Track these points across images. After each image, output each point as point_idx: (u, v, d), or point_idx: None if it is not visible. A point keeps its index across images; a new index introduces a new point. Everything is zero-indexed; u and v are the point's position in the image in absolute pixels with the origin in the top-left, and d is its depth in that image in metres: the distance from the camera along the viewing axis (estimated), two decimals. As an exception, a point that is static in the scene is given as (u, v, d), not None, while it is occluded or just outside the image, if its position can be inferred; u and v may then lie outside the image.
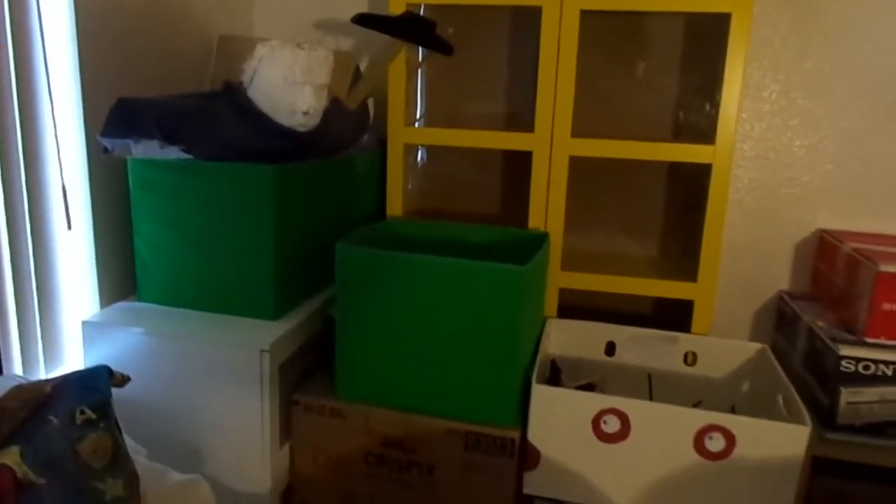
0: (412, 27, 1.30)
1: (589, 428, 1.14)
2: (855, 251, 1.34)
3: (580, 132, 1.41)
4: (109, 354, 1.21)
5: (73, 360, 1.26)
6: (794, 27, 1.48)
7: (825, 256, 1.49)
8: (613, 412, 1.12)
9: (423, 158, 1.71)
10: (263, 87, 1.18)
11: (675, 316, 1.54)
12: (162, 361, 1.18)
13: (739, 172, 1.56)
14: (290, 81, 1.18)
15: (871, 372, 1.25)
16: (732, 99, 1.30)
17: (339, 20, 1.72)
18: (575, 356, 1.45)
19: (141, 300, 1.30)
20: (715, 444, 1.10)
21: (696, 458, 1.11)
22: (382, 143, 1.56)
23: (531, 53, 1.56)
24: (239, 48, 1.28)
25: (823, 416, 1.28)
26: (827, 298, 1.46)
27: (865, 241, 1.42)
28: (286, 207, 1.23)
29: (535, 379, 1.18)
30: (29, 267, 1.16)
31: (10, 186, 1.12)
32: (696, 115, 1.51)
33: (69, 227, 1.21)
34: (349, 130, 1.39)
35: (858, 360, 1.25)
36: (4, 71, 1.09)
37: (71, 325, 1.25)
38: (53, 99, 1.16)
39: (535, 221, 1.43)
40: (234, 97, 1.19)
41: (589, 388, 1.26)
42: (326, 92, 1.25)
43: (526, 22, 1.57)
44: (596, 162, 1.53)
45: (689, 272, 1.43)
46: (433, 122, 1.66)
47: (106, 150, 1.15)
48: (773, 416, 1.14)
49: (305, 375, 1.31)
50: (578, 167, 1.48)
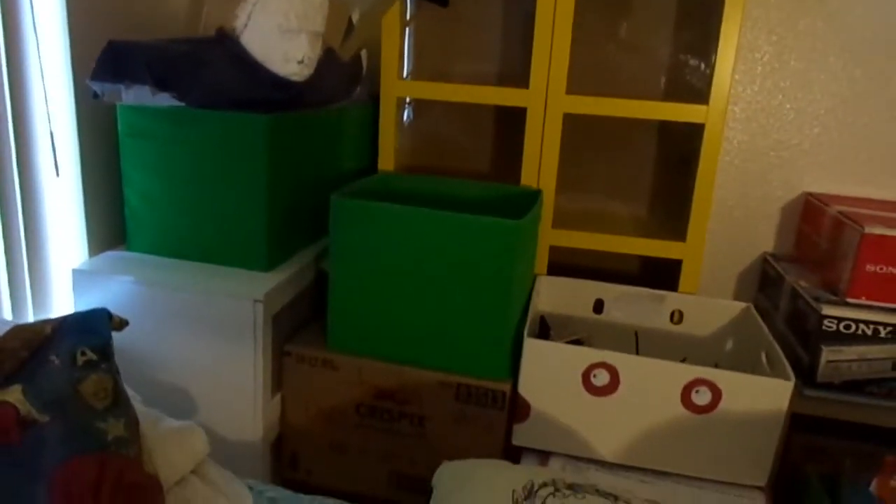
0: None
1: (579, 381, 1.16)
2: (840, 214, 1.36)
3: (573, 91, 1.41)
4: (100, 303, 1.20)
5: (61, 308, 1.25)
6: (788, -12, 1.48)
7: (810, 219, 1.52)
8: (603, 366, 1.14)
9: (409, 117, 1.69)
10: (257, 33, 1.16)
11: (659, 276, 1.56)
12: (153, 311, 1.18)
13: (729, 134, 1.57)
14: (284, 29, 1.16)
15: (851, 331, 1.28)
16: (727, 58, 1.30)
17: (330, -30, 1.68)
18: (564, 313, 1.46)
19: (130, 250, 1.28)
20: (701, 397, 1.13)
21: (682, 411, 1.14)
22: (373, 97, 1.54)
23: (525, 10, 1.55)
24: (232, -7, 1.25)
25: (804, 373, 1.32)
26: (810, 260, 1.49)
27: (850, 204, 1.44)
28: (280, 158, 1.21)
29: (526, 332, 1.19)
30: (17, 213, 1.14)
31: (-4, 130, 1.09)
32: (690, 74, 1.51)
33: (57, 173, 1.19)
34: (342, 82, 1.38)
35: (840, 319, 1.28)
36: (-10, 9, 1.06)
37: (59, 273, 1.24)
38: (40, 40, 1.13)
39: (527, 178, 1.43)
40: (227, 44, 1.17)
41: (577, 343, 1.28)
42: (321, 41, 1.23)
43: (521, -23, 1.55)
44: (585, 122, 1.53)
45: (676, 232, 1.45)
46: (420, 79, 1.64)
47: (96, 95, 1.13)
48: (756, 372, 1.16)
49: (296, 328, 1.32)
50: (567, 127, 1.48)
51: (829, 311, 1.28)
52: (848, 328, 1.28)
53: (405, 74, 1.63)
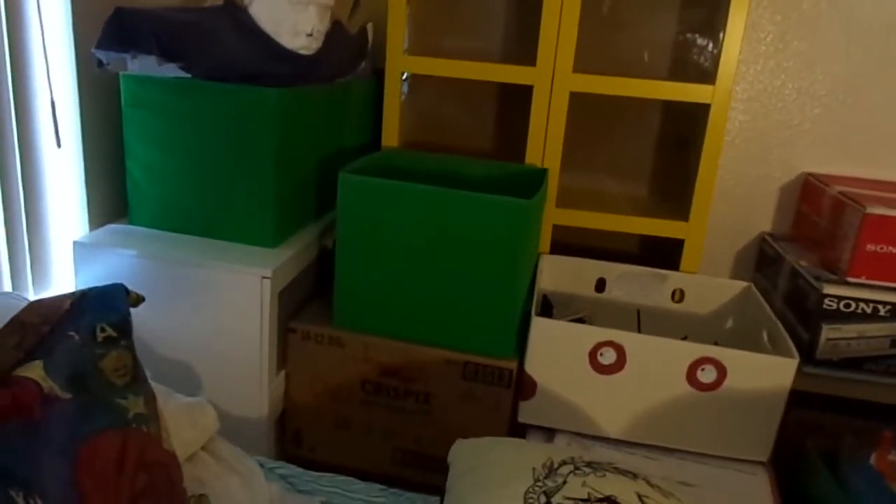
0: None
1: (586, 360, 1.16)
2: (841, 194, 1.38)
3: (579, 70, 1.40)
4: (102, 277, 1.18)
5: (62, 281, 1.22)
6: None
7: (810, 199, 1.53)
8: (610, 345, 1.15)
9: (404, 92, 1.67)
10: (266, 4, 1.14)
11: (659, 255, 1.57)
12: (157, 286, 1.16)
13: (731, 114, 1.57)
14: (294, 0, 1.14)
15: (851, 310, 1.30)
16: (735, 38, 1.30)
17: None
18: (566, 292, 1.47)
19: (132, 223, 1.26)
20: (707, 375, 1.14)
21: (687, 388, 1.15)
22: (377, 72, 1.52)
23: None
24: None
25: (803, 351, 1.33)
26: (809, 239, 1.51)
27: (850, 184, 1.46)
28: (288, 133, 1.19)
29: (534, 311, 1.19)
30: (17, 184, 1.12)
31: (-4, 99, 1.06)
32: (697, 54, 1.51)
33: (58, 144, 1.16)
34: (349, 56, 1.35)
35: (840, 298, 1.30)
36: (-10, -26, 1.02)
37: (60, 245, 1.21)
38: (41, 6, 1.10)
39: (532, 157, 1.42)
40: (235, 14, 1.14)
41: (579, 322, 1.29)
42: (330, 14, 1.21)
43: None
44: (588, 101, 1.52)
45: (678, 212, 1.45)
46: (416, 54, 1.62)
47: (101, 63, 1.10)
48: (757, 350, 1.18)
49: (298, 304, 1.31)
50: (570, 106, 1.47)
51: (830, 290, 1.29)
52: (848, 307, 1.30)
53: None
